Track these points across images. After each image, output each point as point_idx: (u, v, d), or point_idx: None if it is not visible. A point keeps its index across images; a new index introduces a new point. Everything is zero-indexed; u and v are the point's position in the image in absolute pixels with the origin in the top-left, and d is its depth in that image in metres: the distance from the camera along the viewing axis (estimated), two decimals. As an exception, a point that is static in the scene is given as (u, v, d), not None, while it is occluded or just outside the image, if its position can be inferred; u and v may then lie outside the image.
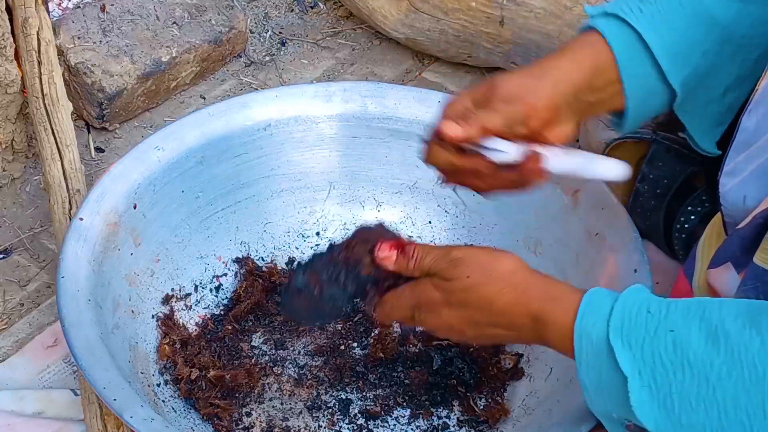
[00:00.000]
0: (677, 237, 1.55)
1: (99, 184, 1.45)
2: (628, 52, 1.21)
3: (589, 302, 1.03)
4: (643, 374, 0.98)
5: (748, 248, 1.09)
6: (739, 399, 0.93)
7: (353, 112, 1.59)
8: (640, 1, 1.22)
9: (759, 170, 1.10)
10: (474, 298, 1.11)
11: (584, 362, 1.02)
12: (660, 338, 0.97)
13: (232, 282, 1.56)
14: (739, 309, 0.97)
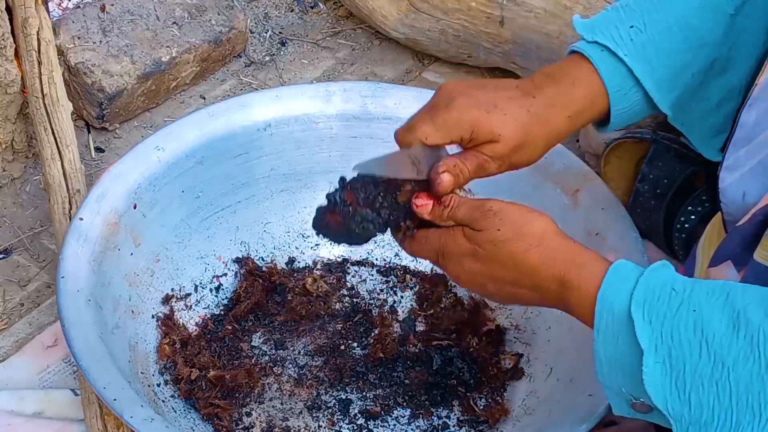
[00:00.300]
0: (677, 237, 1.55)
1: (99, 184, 1.45)
2: (620, 89, 1.23)
3: (615, 273, 1.03)
4: (660, 350, 0.98)
5: (749, 245, 1.09)
6: (753, 385, 0.93)
7: (353, 112, 1.60)
8: (630, 28, 1.23)
9: (759, 166, 1.10)
10: (501, 253, 1.11)
11: (602, 331, 1.02)
12: (682, 316, 0.97)
13: (232, 282, 1.56)
14: (764, 296, 0.96)
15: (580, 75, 1.22)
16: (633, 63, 1.22)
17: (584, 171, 1.50)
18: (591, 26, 1.26)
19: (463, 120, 1.16)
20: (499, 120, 1.17)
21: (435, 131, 1.16)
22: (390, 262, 1.60)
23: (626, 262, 1.05)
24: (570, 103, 1.21)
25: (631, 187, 1.60)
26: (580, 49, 1.23)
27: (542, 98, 1.20)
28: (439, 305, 1.54)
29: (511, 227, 1.10)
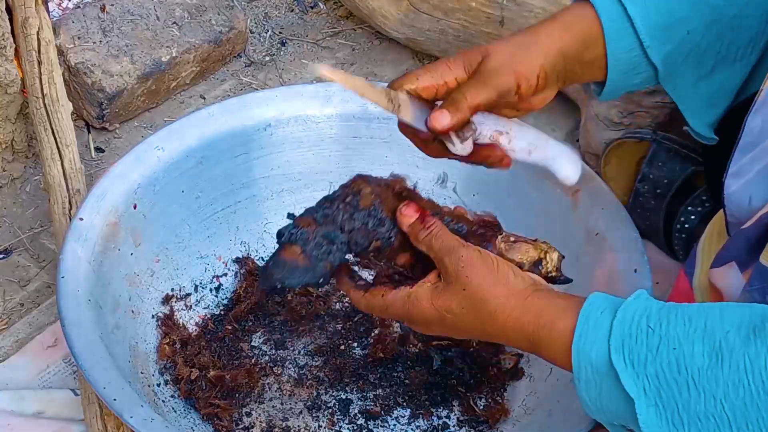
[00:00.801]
0: (677, 237, 1.55)
1: (99, 184, 1.45)
2: (615, 26, 1.20)
3: (586, 321, 1.01)
4: (649, 393, 0.97)
5: (753, 247, 1.08)
6: (749, 412, 0.92)
7: (353, 112, 1.60)
8: None
9: (765, 171, 1.09)
10: (466, 318, 1.10)
11: (583, 380, 1.01)
12: (663, 356, 0.96)
13: (232, 282, 1.56)
14: (743, 317, 0.95)
15: (575, 7, 1.21)
16: (628, 3, 1.19)
17: (584, 171, 1.50)
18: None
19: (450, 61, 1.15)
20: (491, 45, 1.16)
21: (424, 72, 1.15)
22: (390, 262, 1.60)
23: (596, 302, 1.02)
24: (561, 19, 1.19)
25: (631, 187, 1.60)
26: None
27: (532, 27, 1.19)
28: (439, 305, 1.54)
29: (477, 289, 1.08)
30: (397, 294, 1.14)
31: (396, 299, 1.14)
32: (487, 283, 1.08)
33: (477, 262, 1.09)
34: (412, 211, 1.14)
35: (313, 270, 1.11)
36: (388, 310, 1.15)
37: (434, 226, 1.12)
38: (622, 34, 1.20)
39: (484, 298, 1.08)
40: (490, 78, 1.15)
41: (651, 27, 1.20)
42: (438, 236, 1.12)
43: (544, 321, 1.05)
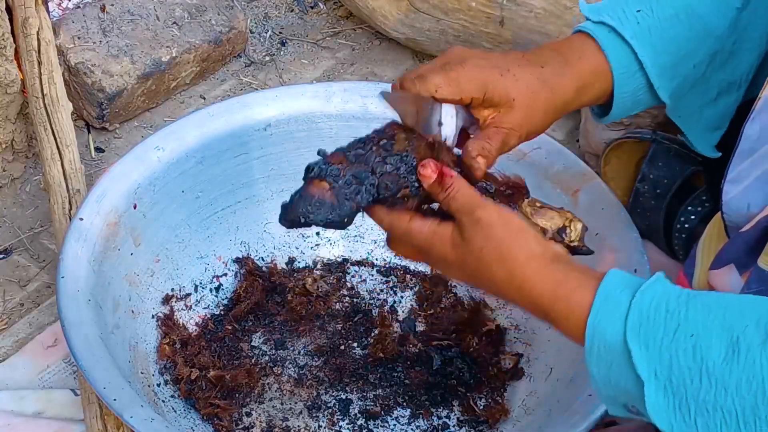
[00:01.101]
0: (677, 237, 1.55)
1: (99, 184, 1.45)
2: (625, 70, 1.22)
3: (604, 298, 1.01)
4: (660, 377, 0.97)
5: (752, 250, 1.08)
6: (759, 410, 0.92)
7: (353, 112, 1.59)
8: (636, 12, 1.23)
9: (763, 177, 1.09)
10: (482, 272, 1.09)
11: (595, 356, 1.01)
12: (679, 341, 0.96)
13: (232, 282, 1.56)
14: (762, 313, 0.95)
15: (586, 51, 1.22)
16: (638, 45, 1.21)
17: (584, 171, 1.50)
18: (597, 8, 1.25)
19: (477, 78, 1.14)
20: (512, 83, 1.15)
21: (448, 84, 1.13)
22: (390, 262, 1.60)
23: (615, 279, 1.02)
24: (577, 75, 1.20)
25: (631, 187, 1.60)
26: (586, 29, 1.22)
27: (550, 68, 1.19)
28: (439, 305, 1.54)
29: (495, 249, 1.07)
30: (424, 224, 1.11)
31: (421, 228, 1.11)
32: (505, 245, 1.07)
33: (496, 223, 1.08)
34: (431, 170, 1.11)
35: (339, 209, 1.08)
36: (410, 236, 1.12)
37: (452, 188, 1.10)
38: (630, 78, 1.23)
39: (501, 260, 1.07)
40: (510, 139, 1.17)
41: (660, 67, 1.22)
42: (455, 197, 1.10)
43: (561, 292, 1.04)
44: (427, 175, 1.11)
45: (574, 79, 1.20)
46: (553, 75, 1.19)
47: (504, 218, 1.09)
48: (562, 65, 1.20)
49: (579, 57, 1.21)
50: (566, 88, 1.20)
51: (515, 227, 1.08)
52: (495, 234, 1.07)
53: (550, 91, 1.19)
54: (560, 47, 1.23)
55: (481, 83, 1.14)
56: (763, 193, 1.08)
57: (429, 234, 1.11)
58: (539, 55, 1.21)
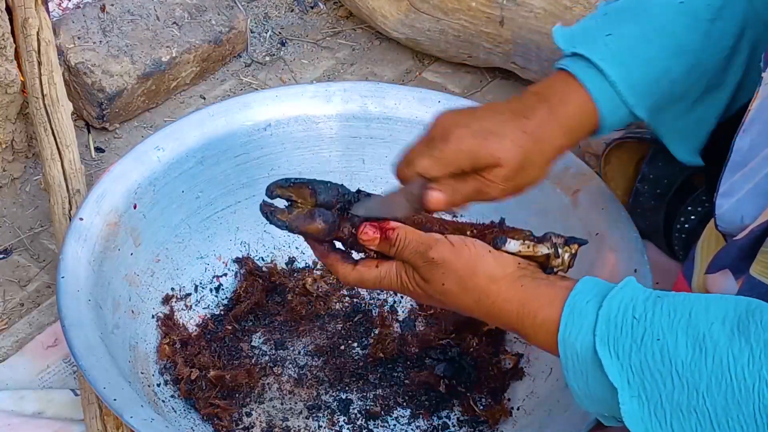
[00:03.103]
0: (677, 237, 1.55)
1: (99, 184, 1.45)
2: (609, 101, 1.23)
3: (571, 311, 1.02)
4: (632, 384, 0.97)
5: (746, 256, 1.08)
6: (730, 409, 0.92)
7: (353, 112, 1.60)
8: (606, 35, 1.24)
9: (755, 190, 1.09)
10: (451, 303, 1.12)
11: (570, 369, 1.02)
12: (647, 347, 0.96)
13: (232, 282, 1.56)
14: (727, 310, 0.95)
15: (568, 93, 1.23)
16: (606, 66, 1.22)
17: (584, 171, 1.50)
18: (570, 37, 1.26)
19: (461, 150, 1.16)
20: (497, 144, 1.17)
21: (433, 164, 1.16)
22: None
23: (584, 289, 1.03)
24: (563, 119, 1.21)
25: (631, 187, 1.59)
26: (565, 66, 1.24)
27: (535, 118, 1.20)
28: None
29: (455, 281, 1.10)
30: (392, 264, 1.14)
31: (391, 269, 1.14)
32: (465, 276, 1.09)
33: (450, 258, 1.10)
34: (372, 233, 1.14)
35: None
36: (383, 281, 1.15)
37: (398, 239, 1.13)
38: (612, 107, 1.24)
39: (465, 290, 1.09)
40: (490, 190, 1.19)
41: (633, 86, 1.24)
42: (406, 247, 1.13)
43: (528, 310, 1.06)
44: (369, 238, 1.14)
45: (561, 125, 1.21)
46: (539, 126, 1.20)
47: (457, 250, 1.11)
48: (547, 113, 1.21)
49: (562, 100, 1.22)
50: (554, 135, 1.21)
51: (470, 255, 1.11)
52: (452, 268, 1.10)
53: (539, 143, 1.20)
54: (543, 91, 1.23)
55: (468, 154, 1.16)
56: (754, 207, 1.08)
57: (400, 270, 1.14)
58: (524, 104, 1.21)
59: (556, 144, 1.21)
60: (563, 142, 1.22)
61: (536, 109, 1.20)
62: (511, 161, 1.17)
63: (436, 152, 1.16)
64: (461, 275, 1.10)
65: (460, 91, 1.94)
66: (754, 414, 0.91)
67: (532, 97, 1.23)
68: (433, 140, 1.18)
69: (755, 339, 0.92)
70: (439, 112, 1.21)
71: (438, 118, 1.20)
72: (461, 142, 1.16)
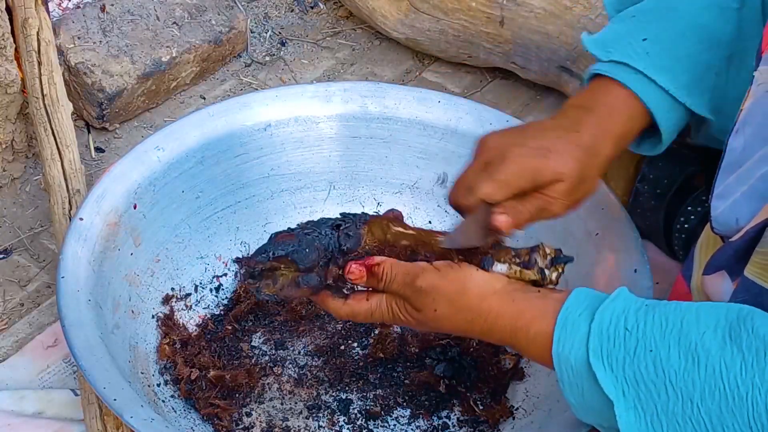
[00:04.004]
0: (677, 237, 1.55)
1: (99, 184, 1.45)
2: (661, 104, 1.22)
3: (564, 325, 1.02)
4: (627, 395, 0.97)
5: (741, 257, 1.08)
6: (725, 418, 0.92)
7: (353, 112, 1.59)
8: (643, 40, 1.23)
9: (750, 191, 1.08)
10: (446, 328, 1.13)
11: (566, 382, 1.02)
12: (640, 358, 0.96)
13: (232, 282, 1.56)
14: (719, 318, 0.95)
15: (614, 100, 1.22)
16: (655, 74, 1.21)
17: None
18: (603, 43, 1.25)
19: (524, 170, 1.14)
20: (557, 161, 1.16)
21: (498, 188, 1.14)
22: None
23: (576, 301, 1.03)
24: (613, 129, 1.21)
25: (631, 187, 1.59)
26: (605, 72, 1.23)
27: (586, 131, 1.19)
28: (439, 305, 1.54)
29: (446, 304, 1.10)
30: (382, 296, 1.15)
31: (381, 301, 1.15)
32: (455, 298, 1.10)
33: (438, 283, 1.10)
34: (357, 271, 1.15)
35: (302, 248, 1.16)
36: (374, 313, 1.16)
37: (384, 274, 1.13)
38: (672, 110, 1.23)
39: (457, 311, 1.10)
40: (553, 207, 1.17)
41: (685, 87, 1.22)
42: (394, 280, 1.13)
43: (520, 324, 1.06)
44: (356, 276, 1.15)
45: (612, 136, 1.21)
46: (592, 138, 1.19)
47: (443, 275, 1.11)
48: (596, 124, 1.20)
49: (610, 111, 1.21)
50: (608, 146, 1.20)
51: (458, 276, 1.11)
52: (441, 292, 1.10)
53: (595, 156, 1.19)
54: (586, 103, 1.22)
55: (530, 174, 1.15)
56: (749, 209, 1.08)
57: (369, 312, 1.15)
58: (571, 119, 1.20)
59: (609, 155, 1.21)
60: (614, 152, 1.22)
61: (585, 123, 1.19)
62: (572, 176, 1.16)
63: (499, 175, 1.14)
64: (451, 298, 1.10)
65: (460, 91, 1.94)
66: (749, 422, 0.91)
67: (578, 111, 1.21)
68: (491, 164, 1.15)
69: (747, 347, 0.92)
70: (484, 135, 1.19)
71: (485, 140, 1.18)
72: (522, 162, 1.14)
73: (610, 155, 1.21)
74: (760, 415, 0.90)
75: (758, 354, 0.91)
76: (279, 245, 1.16)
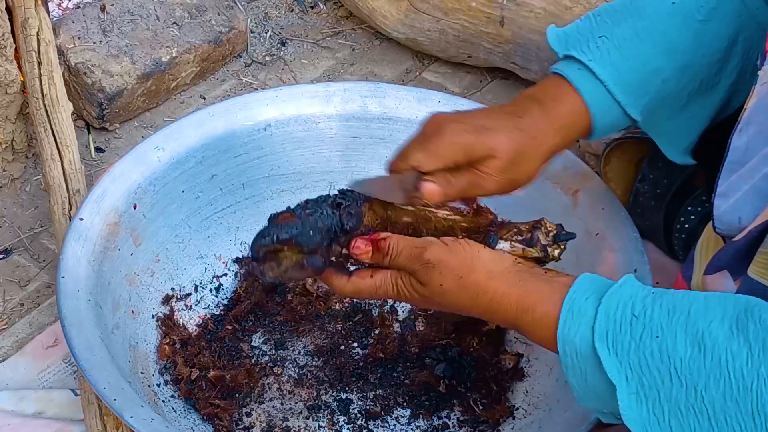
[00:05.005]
0: (677, 237, 1.55)
1: (99, 184, 1.45)
2: (601, 104, 1.24)
3: (570, 308, 1.02)
4: (631, 381, 0.97)
5: (743, 257, 1.08)
6: (729, 408, 0.92)
7: (353, 112, 1.60)
8: (597, 37, 1.25)
9: (752, 190, 1.09)
10: (449, 304, 1.13)
11: (569, 365, 1.02)
12: (646, 345, 0.96)
13: (232, 282, 1.56)
14: (726, 308, 0.95)
15: (561, 94, 1.24)
16: (597, 67, 1.23)
17: (584, 171, 1.50)
18: (565, 39, 1.28)
19: (455, 143, 1.17)
20: (491, 138, 1.18)
21: (427, 157, 1.16)
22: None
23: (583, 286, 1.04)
24: (555, 118, 1.22)
25: (631, 187, 1.59)
26: (559, 70, 1.25)
27: (528, 116, 1.21)
28: (439, 305, 1.54)
29: (453, 279, 1.10)
30: (387, 272, 1.15)
31: (386, 277, 1.15)
32: (462, 274, 1.10)
33: (446, 258, 1.11)
34: (363, 246, 1.15)
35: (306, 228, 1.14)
36: (379, 289, 1.16)
37: (391, 248, 1.13)
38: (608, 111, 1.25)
39: (463, 287, 1.10)
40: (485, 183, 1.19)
41: (625, 85, 1.25)
42: (399, 254, 1.13)
43: (526, 305, 1.07)
44: (361, 252, 1.15)
45: (553, 123, 1.22)
46: (531, 123, 1.21)
47: (452, 249, 1.12)
48: (539, 112, 1.22)
49: (554, 100, 1.23)
50: (546, 132, 1.22)
51: (466, 253, 1.12)
52: (449, 267, 1.11)
53: (532, 138, 1.20)
54: (536, 93, 1.25)
55: (461, 146, 1.17)
56: (752, 208, 1.08)
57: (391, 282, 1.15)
58: (518, 105, 1.23)
59: (550, 142, 1.22)
60: (557, 140, 1.23)
61: (529, 109, 1.22)
62: (505, 153, 1.18)
63: (430, 146, 1.17)
64: (459, 273, 1.10)
65: (460, 91, 1.94)
66: (752, 412, 0.91)
67: (525, 99, 1.24)
68: (427, 135, 1.18)
69: (754, 337, 0.92)
70: (431, 113, 1.22)
71: (431, 117, 1.21)
72: (455, 136, 1.17)
73: (552, 143, 1.22)
74: (764, 406, 0.90)
75: (765, 345, 0.91)
76: (282, 228, 1.14)
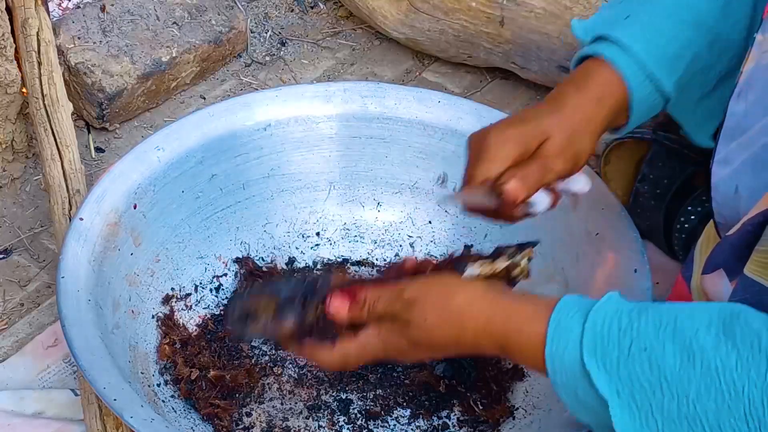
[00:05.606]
0: (677, 237, 1.55)
1: (99, 184, 1.45)
2: (635, 73, 1.23)
3: (557, 325, 1.01)
4: (622, 394, 0.97)
5: (739, 256, 1.08)
6: (721, 414, 0.92)
7: (353, 112, 1.60)
8: (623, 18, 1.25)
9: (751, 159, 1.08)
10: (437, 339, 1.10)
11: (559, 383, 1.02)
12: (635, 357, 0.96)
13: (232, 282, 1.56)
14: (711, 316, 0.95)
15: (592, 69, 1.24)
16: (632, 42, 1.22)
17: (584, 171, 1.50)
18: (589, 28, 1.27)
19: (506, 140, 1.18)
20: (538, 123, 1.19)
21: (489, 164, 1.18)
22: (390, 262, 1.60)
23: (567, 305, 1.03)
24: (591, 89, 1.23)
25: (631, 187, 1.60)
26: (586, 51, 1.25)
27: (564, 97, 1.22)
28: (439, 305, 1.54)
29: (435, 312, 1.09)
30: (367, 327, 1.14)
31: (368, 332, 1.13)
32: (443, 304, 1.09)
33: (424, 292, 1.10)
34: (339, 300, 1.14)
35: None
36: (366, 347, 1.14)
37: (367, 297, 1.13)
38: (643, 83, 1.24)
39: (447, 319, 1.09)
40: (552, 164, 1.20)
41: (658, 59, 1.24)
42: (378, 301, 1.12)
43: (512, 326, 1.05)
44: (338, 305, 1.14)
45: (589, 96, 1.22)
46: (570, 101, 1.22)
47: (428, 283, 1.12)
48: (575, 90, 1.23)
49: (586, 77, 1.23)
50: (585, 106, 1.22)
51: (442, 284, 1.11)
52: (429, 300, 1.10)
53: (575, 112, 1.21)
54: (568, 79, 1.25)
55: (512, 141, 1.18)
56: (750, 177, 1.08)
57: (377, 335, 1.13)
58: (552, 94, 1.24)
59: (593, 113, 1.22)
60: (599, 110, 1.22)
61: (564, 91, 1.23)
62: (558, 129, 1.19)
63: (486, 156, 1.17)
64: (440, 305, 1.09)
65: (460, 91, 1.94)
66: (745, 417, 0.91)
67: (558, 87, 1.25)
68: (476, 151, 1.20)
69: (741, 342, 0.92)
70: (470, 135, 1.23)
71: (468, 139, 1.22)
72: (503, 134, 1.18)
73: (595, 114, 1.22)
74: (756, 410, 0.90)
75: (753, 348, 0.91)
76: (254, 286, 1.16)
